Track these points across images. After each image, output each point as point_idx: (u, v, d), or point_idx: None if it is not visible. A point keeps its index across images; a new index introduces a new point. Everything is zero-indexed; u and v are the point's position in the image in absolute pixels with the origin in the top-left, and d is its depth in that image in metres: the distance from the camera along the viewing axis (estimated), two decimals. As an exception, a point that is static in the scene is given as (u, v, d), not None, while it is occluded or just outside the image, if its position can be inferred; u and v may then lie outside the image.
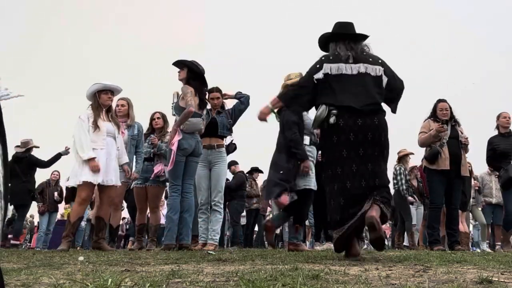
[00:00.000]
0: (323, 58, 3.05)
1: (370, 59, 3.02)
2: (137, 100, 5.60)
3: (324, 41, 3.20)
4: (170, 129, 5.33)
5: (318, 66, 3.01)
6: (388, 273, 1.84)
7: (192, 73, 4.67)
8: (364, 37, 3.10)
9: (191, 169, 4.65)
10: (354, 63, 2.97)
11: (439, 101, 5.60)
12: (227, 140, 5.17)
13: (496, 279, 1.54)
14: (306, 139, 4.44)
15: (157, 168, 5.50)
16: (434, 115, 5.57)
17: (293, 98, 3.12)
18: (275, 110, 3.45)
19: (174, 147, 4.45)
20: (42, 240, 9.09)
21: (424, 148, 5.62)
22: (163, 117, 5.71)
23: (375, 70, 3.00)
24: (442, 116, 5.47)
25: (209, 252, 3.79)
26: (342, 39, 3.07)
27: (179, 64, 4.71)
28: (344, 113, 2.86)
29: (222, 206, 4.99)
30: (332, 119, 2.86)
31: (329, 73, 2.95)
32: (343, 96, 2.90)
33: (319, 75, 2.96)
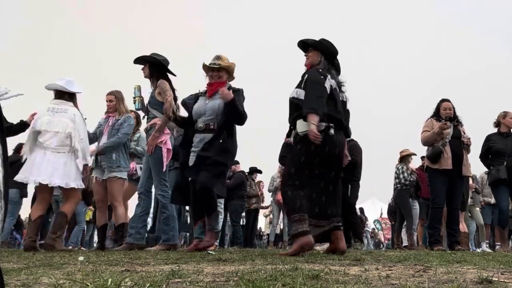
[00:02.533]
0: (320, 70, 3.43)
1: (342, 89, 3.53)
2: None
3: (313, 45, 3.56)
4: (142, 128, 5.23)
5: (322, 76, 3.36)
6: (388, 273, 1.84)
7: (154, 67, 4.55)
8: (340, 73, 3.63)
9: None
10: (339, 88, 3.49)
11: (443, 100, 5.60)
12: None
13: (496, 279, 1.54)
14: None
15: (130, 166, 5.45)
16: (437, 115, 5.57)
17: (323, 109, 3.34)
18: None
19: (169, 145, 4.38)
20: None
21: (426, 148, 5.63)
22: (137, 117, 5.65)
23: (346, 98, 3.55)
24: (444, 114, 5.48)
25: (209, 252, 3.78)
26: (332, 64, 3.55)
27: (140, 61, 4.59)
28: (337, 129, 3.32)
29: (222, 206, 4.98)
30: (332, 131, 3.27)
31: (332, 87, 3.37)
32: (338, 112, 3.38)
33: (327, 85, 3.34)
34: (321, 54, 3.53)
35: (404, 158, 7.95)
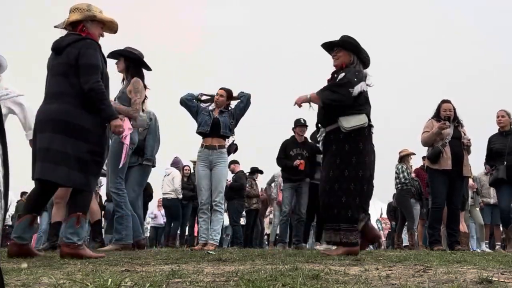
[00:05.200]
0: (356, 73, 3.43)
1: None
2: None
3: (341, 45, 3.54)
4: None
5: (356, 80, 3.38)
6: (388, 273, 1.84)
7: (129, 61, 4.45)
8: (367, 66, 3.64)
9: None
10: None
11: (443, 101, 5.59)
12: (228, 141, 5.13)
13: (496, 279, 1.54)
14: None
15: None
16: (437, 115, 5.56)
17: (334, 103, 3.40)
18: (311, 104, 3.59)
19: (127, 141, 4.19)
20: (42, 240, 9.08)
21: (426, 148, 5.63)
22: None
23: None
24: (444, 114, 5.48)
25: (209, 252, 3.79)
26: (360, 60, 3.54)
27: (115, 55, 4.48)
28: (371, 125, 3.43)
29: (223, 206, 4.98)
30: (373, 129, 3.42)
31: (365, 90, 3.41)
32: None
33: (357, 90, 3.34)
34: (352, 53, 3.48)
35: (404, 158, 7.96)
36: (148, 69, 4.53)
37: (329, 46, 3.59)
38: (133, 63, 4.46)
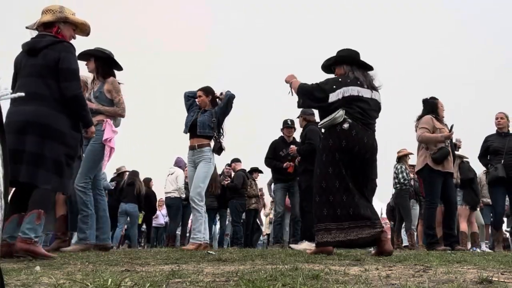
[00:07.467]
0: (340, 80, 3.49)
1: (375, 87, 3.53)
2: (139, 98, 5.48)
3: (333, 63, 3.64)
4: None
5: (334, 86, 3.43)
6: (388, 273, 1.84)
7: (100, 61, 4.45)
8: (371, 68, 3.62)
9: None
10: (367, 88, 3.46)
11: (436, 98, 5.61)
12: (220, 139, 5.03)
13: (496, 279, 1.54)
14: None
15: None
16: (435, 112, 5.52)
17: (307, 99, 3.56)
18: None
19: (112, 144, 4.21)
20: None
21: (426, 147, 5.61)
22: None
23: (379, 97, 3.53)
24: (442, 112, 5.52)
25: (209, 252, 3.79)
26: (358, 65, 3.55)
27: (84, 56, 4.44)
28: (357, 125, 3.31)
29: (201, 204, 4.76)
30: (346, 125, 3.28)
31: (349, 95, 3.39)
32: (358, 113, 3.38)
33: (334, 97, 3.40)
34: (344, 66, 3.57)
35: (402, 158, 7.96)
36: (119, 68, 4.53)
37: (327, 67, 3.73)
38: (102, 62, 4.46)
